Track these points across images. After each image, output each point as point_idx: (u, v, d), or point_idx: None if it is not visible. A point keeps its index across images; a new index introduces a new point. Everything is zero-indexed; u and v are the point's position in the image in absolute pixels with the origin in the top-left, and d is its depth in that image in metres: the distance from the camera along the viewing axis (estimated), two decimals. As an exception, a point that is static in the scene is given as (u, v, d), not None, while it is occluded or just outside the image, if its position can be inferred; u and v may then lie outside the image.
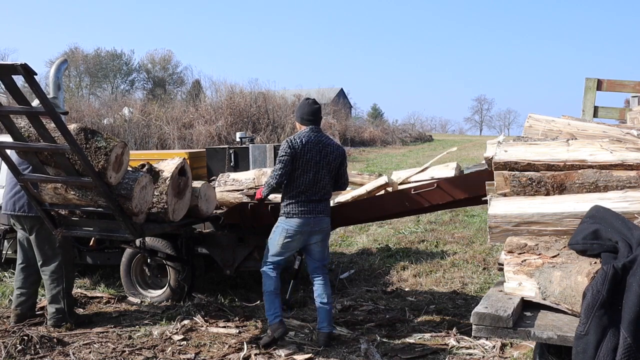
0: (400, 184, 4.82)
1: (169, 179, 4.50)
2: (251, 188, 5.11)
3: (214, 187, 5.21)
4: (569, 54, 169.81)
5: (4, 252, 6.02)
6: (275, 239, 4.19)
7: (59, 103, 5.02)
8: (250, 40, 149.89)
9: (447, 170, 4.66)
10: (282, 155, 4.05)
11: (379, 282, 6.00)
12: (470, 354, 4.00)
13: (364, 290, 5.69)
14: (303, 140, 4.07)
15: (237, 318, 4.78)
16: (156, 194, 4.46)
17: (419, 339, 4.33)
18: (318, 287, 4.25)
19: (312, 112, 4.19)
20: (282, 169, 4.06)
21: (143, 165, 4.50)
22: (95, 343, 4.26)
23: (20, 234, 4.75)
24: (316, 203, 4.10)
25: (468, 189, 4.31)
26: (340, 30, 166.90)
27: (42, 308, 4.93)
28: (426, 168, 4.83)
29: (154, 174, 4.49)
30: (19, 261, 4.78)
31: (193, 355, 4.07)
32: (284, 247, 4.17)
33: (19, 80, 3.71)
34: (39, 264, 4.67)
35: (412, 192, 4.52)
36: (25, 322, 4.63)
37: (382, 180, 4.80)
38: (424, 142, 45.44)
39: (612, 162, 2.82)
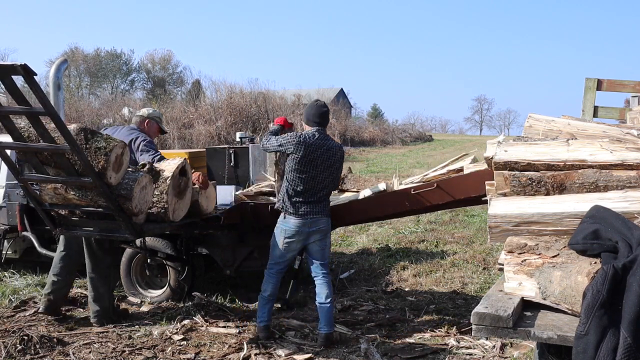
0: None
1: (169, 178, 4.50)
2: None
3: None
4: (569, 54, 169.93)
5: (4, 252, 6.02)
6: (277, 240, 4.24)
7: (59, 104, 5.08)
8: (250, 40, 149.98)
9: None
10: (288, 142, 4.09)
11: (379, 282, 6.00)
12: (470, 354, 4.00)
13: (364, 290, 5.69)
14: (310, 140, 4.10)
15: (237, 318, 4.78)
16: (156, 193, 4.45)
17: (419, 339, 4.33)
18: (317, 286, 4.28)
19: (320, 114, 4.25)
20: (277, 148, 4.15)
21: (144, 165, 4.50)
22: (95, 343, 4.26)
23: None
24: (314, 204, 4.15)
25: (468, 189, 4.31)
26: (340, 30, 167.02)
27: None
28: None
29: (155, 174, 4.49)
30: (60, 249, 4.80)
31: (193, 355, 4.07)
32: (285, 248, 4.22)
33: (19, 80, 3.71)
34: (89, 262, 4.70)
35: (412, 192, 4.52)
36: (54, 311, 4.68)
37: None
38: (424, 142, 45.43)
39: (612, 162, 2.82)
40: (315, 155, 4.09)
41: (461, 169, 4.52)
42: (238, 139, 7.74)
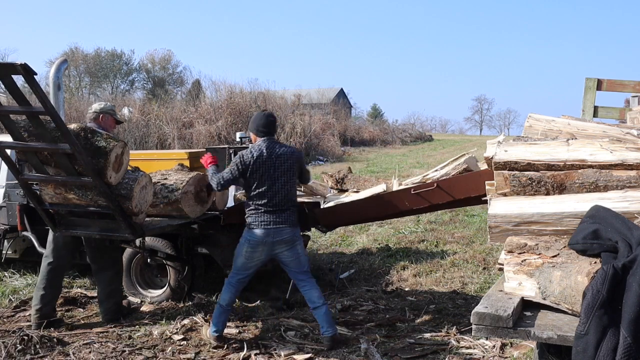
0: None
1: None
2: None
3: None
4: (569, 54, 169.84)
5: (4, 252, 6.02)
6: (240, 251, 4.22)
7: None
8: (250, 40, 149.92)
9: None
10: (234, 167, 4.13)
11: (379, 282, 6.00)
12: (470, 354, 4.00)
13: (364, 290, 5.69)
14: (255, 154, 4.09)
15: (237, 318, 4.78)
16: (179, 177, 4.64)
17: (419, 339, 4.33)
18: (305, 294, 4.27)
19: (266, 124, 4.21)
20: (229, 179, 4.17)
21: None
22: (95, 343, 4.26)
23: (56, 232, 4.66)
24: (276, 214, 4.09)
25: (468, 189, 4.31)
26: (340, 30, 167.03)
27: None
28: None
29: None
30: (49, 260, 4.67)
31: (193, 355, 4.07)
32: (247, 257, 4.18)
33: (19, 80, 3.71)
34: (95, 262, 4.72)
35: (412, 192, 4.52)
36: (45, 321, 4.57)
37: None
38: (424, 141, 45.44)
39: (612, 162, 2.82)
40: (266, 167, 4.08)
41: (462, 170, 4.52)
42: (238, 139, 7.74)
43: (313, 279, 4.31)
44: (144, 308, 5.09)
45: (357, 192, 5.30)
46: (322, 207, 5.00)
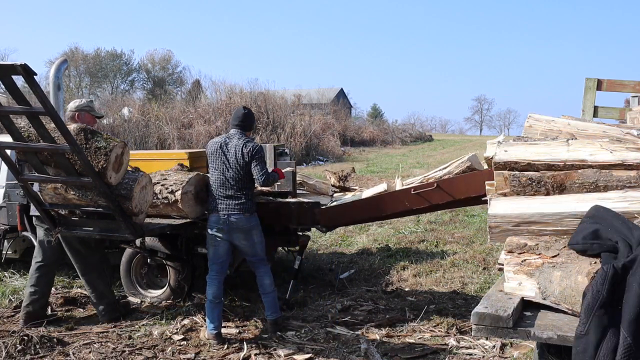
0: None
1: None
2: None
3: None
4: (569, 54, 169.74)
5: (4, 252, 6.02)
6: (207, 239, 4.42)
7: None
8: (250, 40, 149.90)
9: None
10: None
11: (379, 282, 6.00)
12: (470, 354, 4.00)
13: (364, 290, 5.69)
14: (212, 141, 4.46)
15: (237, 318, 4.78)
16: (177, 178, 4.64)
17: (419, 339, 4.33)
18: (258, 279, 4.50)
19: (236, 117, 4.48)
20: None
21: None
22: (95, 343, 4.26)
23: (42, 232, 4.72)
24: (228, 199, 4.31)
25: (468, 189, 4.31)
26: (340, 30, 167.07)
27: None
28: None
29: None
30: (37, 259, 4.74)
31: (193, 355, 4.07)
32: (213, 242, 4.37)
33: (19, 80, 3.71)
34: (78, 264, 4.73)
35: (412, 192, 4.53)
36: (34, 321, 4.58)
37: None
38: (424, 142, 45.45)
39: (612, 162, 2.82)
40: (215, 155, 4.36)
41: (466, 167, 4.52)
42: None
43: (268, 265, 4.52)
44: (144, 308, 5.09)
45: (359, 192, 5.31)
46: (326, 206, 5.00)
